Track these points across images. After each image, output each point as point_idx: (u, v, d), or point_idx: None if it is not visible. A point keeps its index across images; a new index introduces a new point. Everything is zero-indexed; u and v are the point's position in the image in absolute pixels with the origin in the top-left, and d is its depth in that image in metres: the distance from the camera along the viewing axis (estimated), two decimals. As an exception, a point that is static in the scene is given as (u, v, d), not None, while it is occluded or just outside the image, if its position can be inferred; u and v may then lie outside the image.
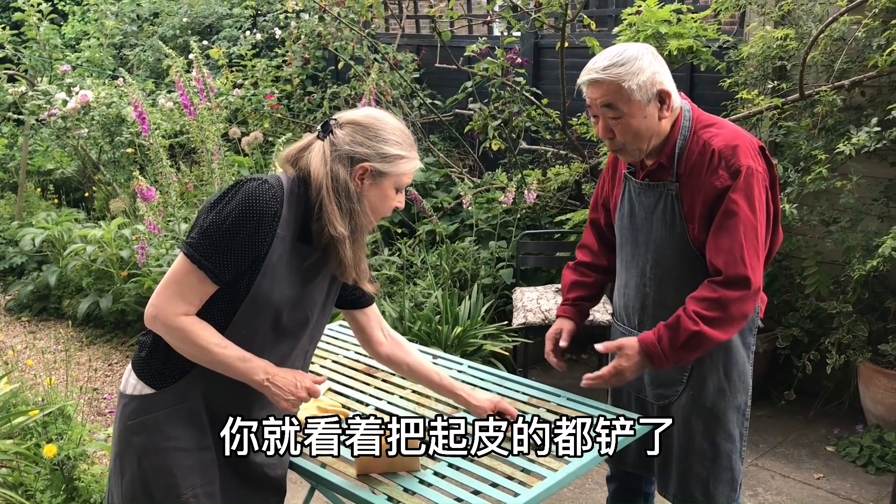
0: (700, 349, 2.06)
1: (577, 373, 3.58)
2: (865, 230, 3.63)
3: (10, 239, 5.89)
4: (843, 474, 3.48)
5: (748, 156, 2.03)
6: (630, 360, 2.07)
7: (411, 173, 1.85)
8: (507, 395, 2.33)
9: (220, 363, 1.75)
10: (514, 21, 4.80)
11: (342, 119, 1.81)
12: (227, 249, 1.70)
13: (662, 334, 2.04)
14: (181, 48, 7.16)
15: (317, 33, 6.01)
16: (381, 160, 1.78)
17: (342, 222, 1.75)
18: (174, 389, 1.80)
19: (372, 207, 1.82)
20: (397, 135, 1.81)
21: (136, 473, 1.82)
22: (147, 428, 1.80)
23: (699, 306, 2.02)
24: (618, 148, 2.12)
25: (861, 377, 3.77)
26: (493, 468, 1.94)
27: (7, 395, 3.25)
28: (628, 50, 2.04)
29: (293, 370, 1.83)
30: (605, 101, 2.04)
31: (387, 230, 5.03)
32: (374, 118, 1.81)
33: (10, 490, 2.76)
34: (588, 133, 4.63)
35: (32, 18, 6.76)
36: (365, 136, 1.78)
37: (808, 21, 3.86)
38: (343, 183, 1.75)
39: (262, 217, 1.70)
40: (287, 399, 1.79)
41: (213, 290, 1.74)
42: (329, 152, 1.76)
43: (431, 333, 3.88)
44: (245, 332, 1.78)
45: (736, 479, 2.25)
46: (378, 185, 1.80)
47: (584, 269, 2.48)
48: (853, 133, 3.47)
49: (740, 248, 2.00)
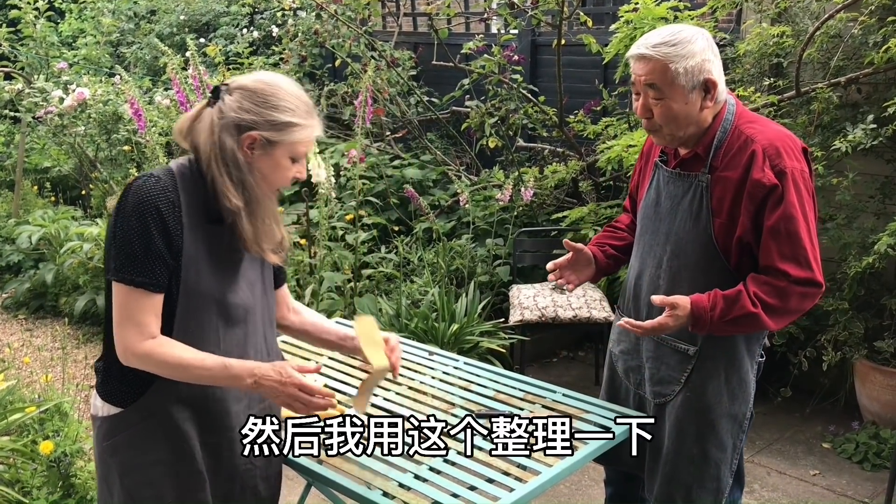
0: (745, 329, 2.06)
1: (573, 370, 3.61)
2: (861, 227, 3.64)
3: (7, 237, 5.88)
4: (838, 471, 3.49)
5: (792, 157, 2.00)
6: (677, 321, 2.02)
7: (308, 142, 1.72)
8: (503, 392, 2.33)
9: (203, 377, 1.69)
10: (511, 18, 4.80)
11: (233, 84, 1.70)
12: (148, 254, 1.63)
13: (718, 303, 2.01)
14: (178, 46, 7.15)
15: (314, 31, 6.01)
16: (270, 128, 1.67)
17: (235, 194, 1.66)
18: (140, 405, 1.73)
19: (264, 178, 1.71)
20: (290, 101, 1.69)
21: (121, 494, 1.78)
22: (121, 447, 1.75)
23: (761, 290, 1.99)
24: (653, 129, 2.08)
25: (857, 374, 3.78)
26: (488, 464, 1.94)
27: (4, 392, 3.25)
28: (684, 31, 2.00)
29: (273, 364, 1.73)
30: (648, 79, 2.00)
31: (384, 228, 5.04)
32: (265, 82, 1.69)
33: (7, 486, 2.76)
34: (585, 131, 4.64)
35: (29, 16, 6.76)
36: (253, 103, 1.66)
37: (804, 18, 3.87)
38: (230, 153, 1.66)
39: (160, 210, 1.63)
40: (280, 395, 1.71)
41: (160, 300, 1.67)
42: (217, 120, 1.67)
43: (428, 331, 3.88)
44: (193, 326, 1.72)
45: (721, 489, 2.20)
46: (269, 154, 1.69)
47: (614, 230, 2.47)
48: (849, 130, 3.48)
49: (804, 251, 1.99)
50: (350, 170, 4.32)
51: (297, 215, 5.18)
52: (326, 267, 4.23)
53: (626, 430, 2.00)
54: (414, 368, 2.52)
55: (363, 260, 4.52)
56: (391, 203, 5.23)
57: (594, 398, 2.30)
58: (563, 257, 2.32)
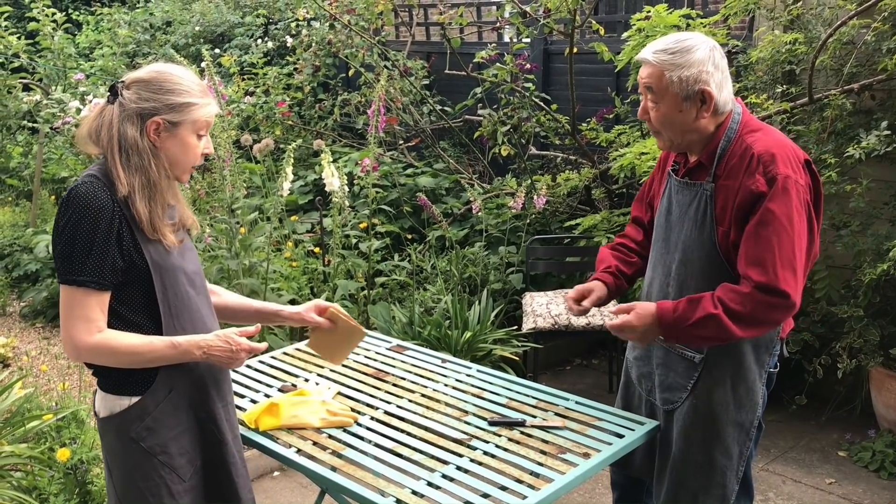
0: (711, 336, 2.01)
1: (587, 378, 3.61)
2: (876, 234, 3.62)
3: (25, 246, 5.94)
4: (855, 479, 3.46)
5: (787, 165, 1.99)
6: (640, 319, 2.04)
7: (209, 118, 1.86)
8: (516, 399, 2.34)
9: (155, 359, 1.81)
10: (524, 27, 4.82)
11: (128, 80, 1.82)
12: (95, 255, 1.73)
13: (680, 305, 2.03)
14: (193, 56, 7.21)
15: (327, 41, 6.06)
16: (170, 111, 1.80)
17: (124, 180, 1.76)
18: (160, 384, 1.85)
19: (176, 159, 1.84)
20: (183, 84, 1.82)
21: (153, 471, 1.86)
22: (154, 429, 1.85)
23: (725, 295, 2.00)
24: (654, 131, 2.14)
25: (873, 382, 3.75)
26: (501, 471, 1.95)
27: (21, 400, 3.29)
28: (689, 40, 2.02)
29: (216, 334, 1.86)
30: (647, 83, 2.06)
31: (397, 236, 5.06)
32: (157, 72, 1.83)
33: (25, 493, 2.79)
34: (597, 138, 4.64)
35: (47, 28, 6.84)
36: (150, 91, 1.79)
37: (817, 25, 3.86)
38: (132, 140, 1.77)
39: (101, 209, 1.73)
40: (232, 360, 1.85)
41: (106, 298, 1.77)
42: (118, 114, 1.79)
43: (441, 338, 3.89)
44: (173, 298, 1.84)
45: (727, 496, 2.21)
46: (175, 135, 1.82)
47: (625, 249, 2.46)
48: (863, 137, 3.46)
49: (772, 257, 1.96)
50: (363, 178, 4.35)
51: (311, 224, 5.20)
52: (340, 275, 4.25)
53: (636, 437, 2.00)
54: (427, 376, 2.53)
55: (376, 268, 4.54)
56: (404, 211, 5.25)
57: (607, 406, 2.30)
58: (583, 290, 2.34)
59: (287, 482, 3.46)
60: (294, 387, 2.46)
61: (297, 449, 2.11)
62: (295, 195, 5.63)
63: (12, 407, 3.24)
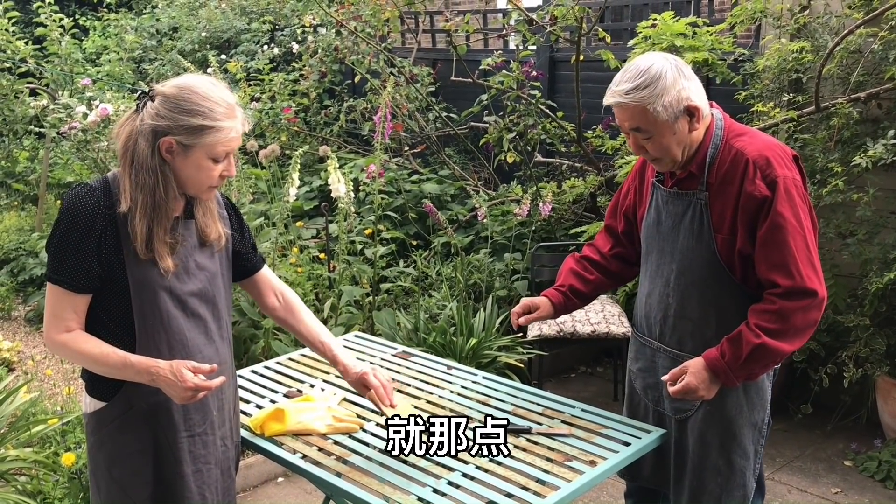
0: (766, 361, 2.04)
1: (592, 386, 3.60)
2: (882, 243, 3.61)
3: (31, 250, 5.96)
4: (860, 489, 3.45)
5: (782, 165, 2.02)
6: (697, 378, 2.06)
7: (227, 142, 1.77)
8: (522, 406, 2.33)
9: (108, 371, 1.80)
10: (530, 34, 4.83)
11: (157, 90, 1.77)
12: (71, 258, 1.75)
13: (725, 350, 2.04)
14: (200, 62, 7.24)
15: (333, 47, 6.07)
16: (183, 132, 1.73)
17: (128, 195, 1.74)
18: (120, 398, 1.84)
19: (188, 180, 1.79)
20: (204, 105, 1.74)
21: (110, 484, 1.87)
22: (107, 440, 1.85)
23: (760, 318, 2.01)
24: (654, 159, 2.13)
25: (879, 391, 3.74)
26: (507, 478, 1.94)
27: (27, 404, 3.29)
28: (651, 68, 1.99)
29: (170, 363, 1.77)
30: (632, 124, 2.04)
31: (403, 242, 5.06)
32: (180, 87, 1.76)
33: (29, 498, 2.79)
34: (603, 146, 4.64)
35: (54, 33, 6.86)
36: (168, 109, 1.73)
37: (823, 34, 3.86)
38: (142, 157, 1.74)
39: (80, 214, 1.74)
40: (178, 394, 1.76)
41: (82, 301, 1.79)
42: (137, 126, 1.76)
43: (446, 345, 3.89)
44: (149, 314, 1.80)
45: (747, 495, 2.23)
46: (188, 157, 1.76)
47: (587, 263, 2.46)
48: (869, 146, 3.46)
49: (794, 259, 1.98)
50: (369, 185, 4.35)
51: (317, 229, 5.21)
52: (345, 281, 4.25)
53: (643, 445, 2.00)
54: (432, 383, 2.53)
55: (382, 274, 4.54)
56: (410, 217, 5.25)
57: (613, 413, 2.29)
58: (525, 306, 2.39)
59: (292, 488, 3.46)
60: (300, 392, 2.45)
61: (303, 454, 2.11)
62: (300, 201, 5.64)
63: (17, 411, 3.24)
